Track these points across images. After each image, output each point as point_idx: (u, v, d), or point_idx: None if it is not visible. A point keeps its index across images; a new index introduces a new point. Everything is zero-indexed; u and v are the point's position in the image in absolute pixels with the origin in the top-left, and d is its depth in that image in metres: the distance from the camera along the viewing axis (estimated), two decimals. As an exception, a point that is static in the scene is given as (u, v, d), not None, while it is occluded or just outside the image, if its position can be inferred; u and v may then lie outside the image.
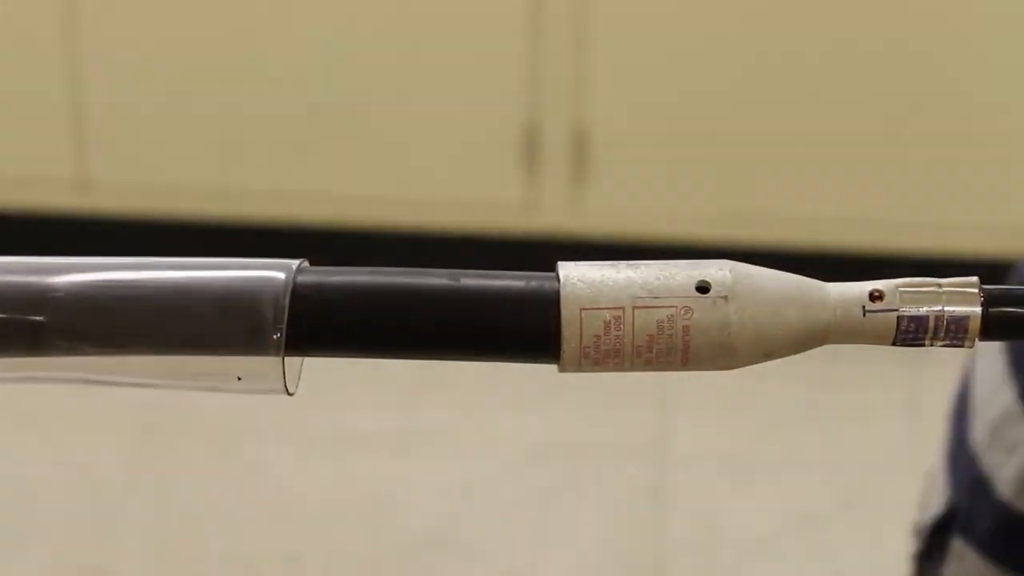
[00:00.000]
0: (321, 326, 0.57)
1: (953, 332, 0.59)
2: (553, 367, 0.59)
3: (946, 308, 0.59)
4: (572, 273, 0.58)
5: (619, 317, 0.58)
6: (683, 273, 0.59)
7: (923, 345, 0.60)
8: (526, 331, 0.58)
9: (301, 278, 0.57)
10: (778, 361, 0.61)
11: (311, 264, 0.59)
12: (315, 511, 2.51)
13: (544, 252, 1.91)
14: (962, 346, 0.60)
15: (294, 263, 0.57)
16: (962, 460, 1.04)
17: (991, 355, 1.04)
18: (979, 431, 1.03)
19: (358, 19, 2.94)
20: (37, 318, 0.55)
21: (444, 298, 0.57)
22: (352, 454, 2.63)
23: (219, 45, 2.99)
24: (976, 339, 0.60)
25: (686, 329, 0.58)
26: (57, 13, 2.96)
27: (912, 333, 0.60)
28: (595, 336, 0.58)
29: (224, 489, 2.56)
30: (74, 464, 2.61)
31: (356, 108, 2.99)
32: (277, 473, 2.60)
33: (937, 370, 2.44)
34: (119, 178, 3.09)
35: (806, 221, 2.88)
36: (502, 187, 2.92)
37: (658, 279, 0.59)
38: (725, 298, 0.58)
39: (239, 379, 0.55)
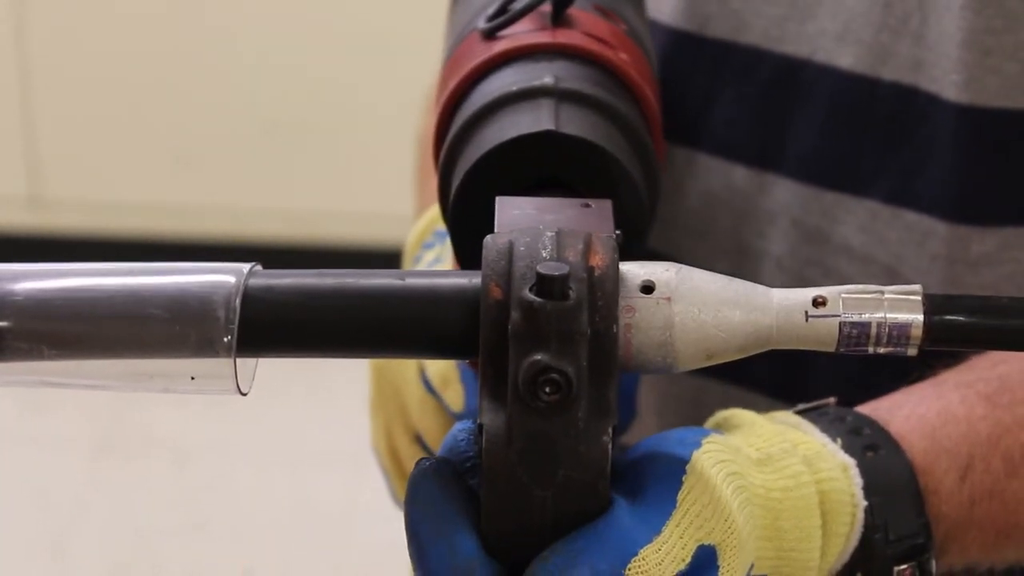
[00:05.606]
0: (272, 327, 0.57)
1: (896, 339, 0.59)
2: None
3: (888, 315, 0.59)
4: None
5: (562, 314, 0.58)
6: (628, 272, 0.59)
7: (867, 352, 0.60)
8: (471, 328, 0.57)
9: (252, 281, 0.58)
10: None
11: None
12: (271, 528, 2.50)
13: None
14: (906, 353, 0.60)
15: (245, 267, 0.58)
16: None
17: None
18: None
19: (311, 35, 2.95)
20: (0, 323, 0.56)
21: (391, 297, 0.58)
22: (309, 470, 2.63)
23: (172, 63, 2.99)
24: (919, 346, 0.60)
25: (628, 328, 0.58)
26: (9, 33, 2.95)
27: (855, 339, 0.60)
28: (538, 332, 0.58)
29: (179, 506, 2.55)
30: (27, 482, 2.59)
31: (310, 124, 2.99)
32: (233, 490, 2.59)
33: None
34: (73, 196, 3.08)
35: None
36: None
37: (603, 278, 0.58)
38: (668, 299, 0.59)
39: (192, 379, 0.56)
